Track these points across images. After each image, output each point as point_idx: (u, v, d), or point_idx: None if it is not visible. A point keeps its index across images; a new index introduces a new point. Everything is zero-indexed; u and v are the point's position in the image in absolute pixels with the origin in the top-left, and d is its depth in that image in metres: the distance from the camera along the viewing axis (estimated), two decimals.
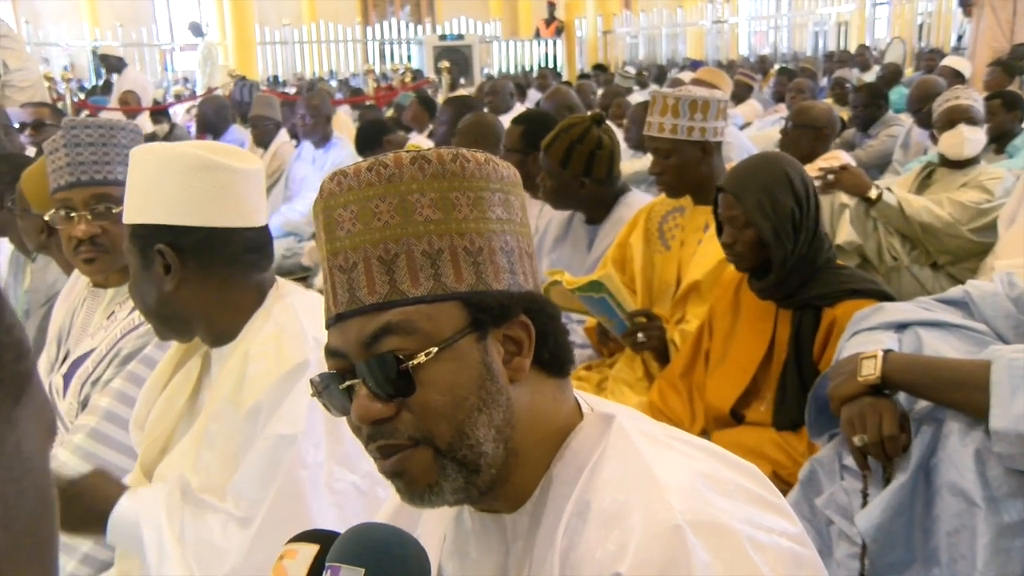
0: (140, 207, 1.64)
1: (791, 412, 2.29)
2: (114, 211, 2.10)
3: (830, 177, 3.60)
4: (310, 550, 0.86)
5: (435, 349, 0.91)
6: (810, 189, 2.31)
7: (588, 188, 3.25)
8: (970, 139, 3.77)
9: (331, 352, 0.96)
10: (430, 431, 0.92)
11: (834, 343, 2.19)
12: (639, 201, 3.37)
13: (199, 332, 1.72)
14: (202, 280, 1.65)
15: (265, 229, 1.72)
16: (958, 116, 3.79)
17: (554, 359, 0.99)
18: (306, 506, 1.55)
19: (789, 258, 2.26)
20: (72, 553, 1.88)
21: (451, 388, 0.92)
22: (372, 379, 0.91)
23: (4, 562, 0.48)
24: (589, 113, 3.35)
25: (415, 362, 0.90)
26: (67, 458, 1.93)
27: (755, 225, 2.25)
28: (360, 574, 0.80)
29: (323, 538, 0.86)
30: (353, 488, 1.59)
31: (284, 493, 1.55)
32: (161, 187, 1.62)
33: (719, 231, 2.38)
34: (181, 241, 1.62)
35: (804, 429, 2.24)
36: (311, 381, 0.98)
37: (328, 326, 0.97)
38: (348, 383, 0.94)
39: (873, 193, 3.54)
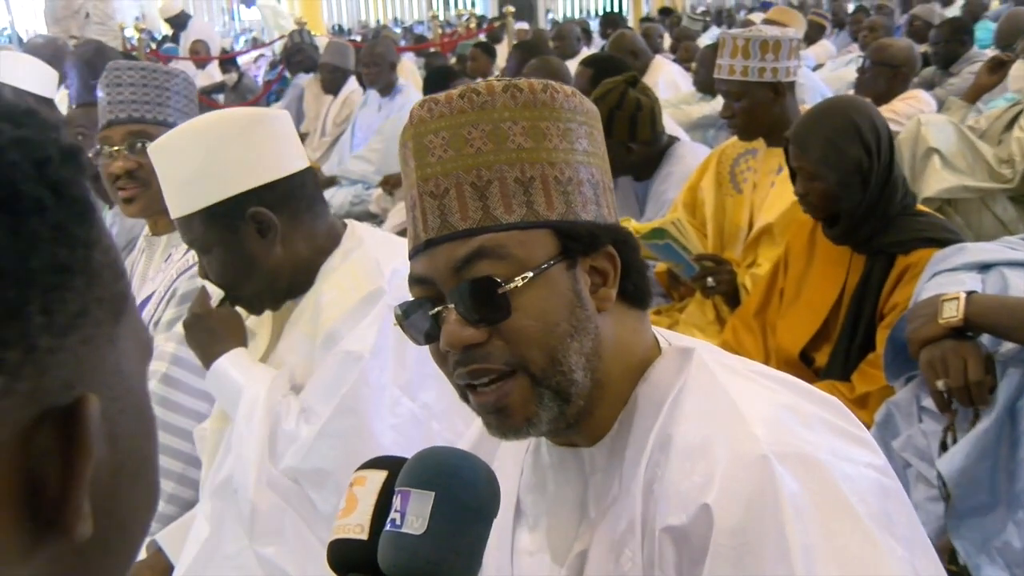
0: (210, 187, 1.60)
1: (841, 360, 2.24)
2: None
3: None
4: (379, 476, 0.85)
5: (530, 274, 0.91)
6: (881, 134, 2.21)
7: (636, 152, 3.19)
8: (1016, 76, 3.58)
9: (417, 279, 0.96)
10: (524, 357, 0.92)
11: (903, 291, 2.12)
12: (689, 152, 3.31)
13: (286, 288, 1.71)
14: (293, 230, 1.65)
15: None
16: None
17: (637, 291, 1.00)
18: (366, 422, 1.58)
19: (858, 208, 2.18)
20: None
21: (543, 314, 0.92)
22: (464, 303, 0.91)
23: (112, 479, 0.48)
24: (622, 76, 3.25)
25: (512, 286, 0.90)
26: None
27: (821, 178, 2.19)
28: (430, 498, 0.78)
29: (391, 464, 0.85)
30: (411, 415, 1.61)
31: (346, 407, 1.58)
32: (227, 156, 1.60)
33: (793, 180, 2.32)
34: (268, 199, 1.62)
35: (853, 377, 2.19)
36: (395, 311, 0.98)
37: (414, 254, 0.96)
38: (437, 309, 0.94)
39: None
